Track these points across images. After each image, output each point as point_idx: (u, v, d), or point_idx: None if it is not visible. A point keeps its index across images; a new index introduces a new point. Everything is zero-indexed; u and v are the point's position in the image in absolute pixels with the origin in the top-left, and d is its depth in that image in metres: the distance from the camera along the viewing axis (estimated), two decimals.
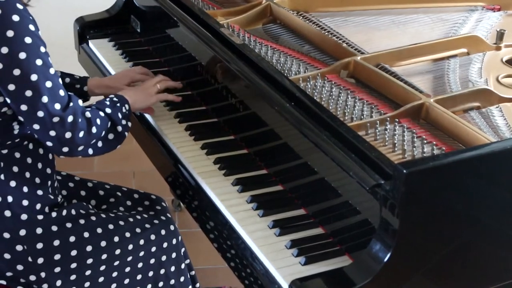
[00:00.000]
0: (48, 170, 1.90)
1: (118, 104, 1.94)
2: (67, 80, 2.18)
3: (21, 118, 1.77)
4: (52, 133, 1.75)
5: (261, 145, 1.99)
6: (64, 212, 1.88)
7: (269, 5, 2.39)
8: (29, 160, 1.85)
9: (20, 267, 1.84)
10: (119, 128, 1.91)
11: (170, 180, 2.17)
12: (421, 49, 2.11)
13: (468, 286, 1.71)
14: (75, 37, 2.75)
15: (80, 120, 1.78)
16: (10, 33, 1.67)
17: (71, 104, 1.77)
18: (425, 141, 1.71)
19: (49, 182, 1.90)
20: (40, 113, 1.73)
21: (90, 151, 1.84)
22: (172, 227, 2.04)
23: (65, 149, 1.79)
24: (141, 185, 3.39)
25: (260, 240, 1.71)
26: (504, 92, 1.92)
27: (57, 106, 1.74)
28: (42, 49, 1.73)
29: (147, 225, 1.99)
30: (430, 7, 2.46)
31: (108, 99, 1.96)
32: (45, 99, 1.72)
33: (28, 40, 1.69)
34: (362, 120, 1.79)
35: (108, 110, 1.90)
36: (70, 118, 1.76)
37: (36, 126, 1.75)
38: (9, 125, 1.80)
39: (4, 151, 1.82)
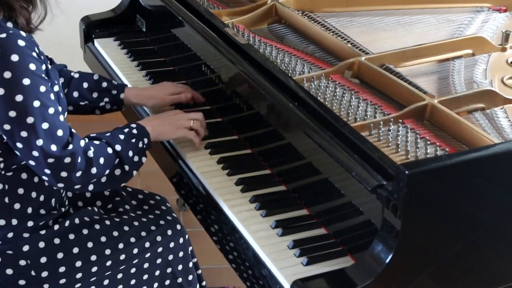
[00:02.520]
0: (54, 186, 1.86)
1: (134, 140, 1.86)
2: (104, 84, 2.15)
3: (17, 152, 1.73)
4: (47, 171, 1.71)
5: (265, 145, 1.99)
6: (67, 223, 1.86)
7: (274, 5, 2.39)
8: (36, 179, 1.81)
9: (22, 282, 1.81)
10: (126, 167, 1.83)
11: (174, 181, 2.17)
12: (426, 50, 2.10)
13: (471, 287, 1.70)
14: (81, 36, 2.76)
15: (79, 160, 1.71)
16: (7, 74, 1.62)
17: (70, 145, 1.71)
18: (429, 142, 1.71)
19: (53, 200, 1.87)
20: (35, 153, 1.68)
21: (91, 187, 1.78)
22: (178, 227, 2.03)
23: (61, 185, 1.74)
24: (147, 184, 3.39)
25: (263, 240, 1.71)
26: (509, 94, 1.92)
27: (54, 147, 1.68)
28: (42, 89, 1.67)
29: (153, 227, 1.98)
30: (436, 7, 2.45)
31: (126, 130, 1.87)
32: (40, 141, 1.67)
33: (26, 81, 1.64)
34: (366, 121, 1.79)
35: (118, 148, 1.81)
36: (67, 160, 1.70)
37: (32, 163, 1.71)
38: (13, 151, 1.76)
39: (9, 174, 1.79)
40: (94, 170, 1.75)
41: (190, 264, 2.08)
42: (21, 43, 1.65)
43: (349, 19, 2.35)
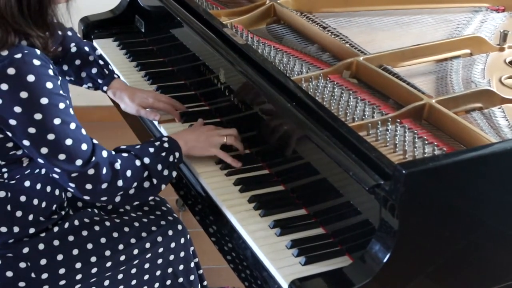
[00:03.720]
0: (57, 192, 1.86)
1: (164, 154, 1.84)
2: (94, 70, 2.16)
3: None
4: (72, 184, 1.71)
5: (263, 145, 1.99)
6: (66, 225, 1.86)
7: (272, 5, 2.39)
8: (38, 187, 1.81)
9: (22, 284, 1.81)
10: (154, 181, 1.81)
11: (173, 182, 2.17)
12: (424, 50, 2.11)
13: (469, 286, 1.71)
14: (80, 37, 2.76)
15: (104, 172, 1.71)
16: (24, 95, 1.61)
17: (93, 158, 1.70)
18: (426, 142, 1.71)
19: (55, 206, 1.86)
20: (57, 169, 1.68)
21: (118, 199, 1.78)
22: (179, 227, 2.03)
23: (87, 198, 1.74)
24: None
25: (261, 239, 1.71)
26: (507, 93, 1.92)
27: (78, 162, 1.68)
28: (61, 106, 1.66)
29: (153, 228, 1.97)
30: (434, 7, 2.46)
31: (157, 143, 1.85)
32: (61, 156, 1.66)
33: (44, 100, 1.63)
34: (364, 121, 1.79)
35: (147, 160, 1.80)
36: (91, 171, 1.70)
37: (56, 176, 1.71)
38: (18, 162, 1.77)
39: (12, 182, 1.79)
40: (120, 183, 1.74)
41: (192, 264, 2.08)
42: (37, 62, 1.64)
43: (348, 19, 2.36)
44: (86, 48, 2.19)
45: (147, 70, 2.47)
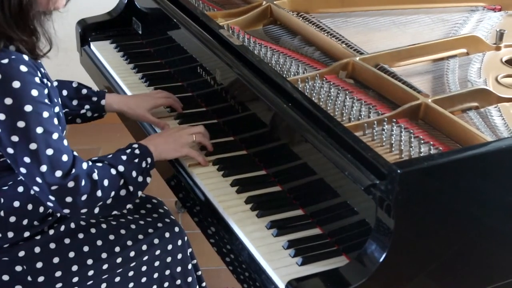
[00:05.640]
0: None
1: (137, 160, 1.83)
2: (84, 91, 2.15)
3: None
4: (52, 197, 1.69)
5: (260, 146, 1.99)
6: (62, 228, 1.85)
7: (269, 6, 2.39)
8: (32, 191, 1.79)
9: (18, 287, 1.80)
10: (131, 188, 1.79)
11: (172, 184, 2.17)
12: (420, 50, 2.11)
13: (466, 286, 1.71)
14: (77, 39, 2.76)
15: (83, 184, 1.69)
16: (8, 101, 1.60)
17: (73, 170, 1.68)
18: (422, 141, 1.71)
19: (50, 210, 1.85)
20: (38, 180, 1.66)
21: (97, 210, 1.75)
22: (176, 229, 2.02)
23: (67, 211, 1.72)
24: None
25: (258, 240, 1.71)
26: (503, 92, 1.92)
27: (58, 173, 1.66)
28: (45, 114, 1.65)
29: (150, 230, 1.97)
30: (431, 7, 2.46)
31: (129, 151, 1.84)
32: (43, 168, 1.64)
33: (28, 108, 1.61)
34: (360, 121, 1.79)
35: (121, 168, 1.78)
36: (71, 184, 1.67)
37: (36, 188, 1.69)
38: (9, 169, 1.76)
39: (5, 188, 1.78)
40: (99, 193, 1.73)
41: (189, 266, 2.07)
42: (24, 68, 1.63)
43: (344, 20, 2.36)
44: (65, 80, 2.18)
45: (144, 72, 2.48)
